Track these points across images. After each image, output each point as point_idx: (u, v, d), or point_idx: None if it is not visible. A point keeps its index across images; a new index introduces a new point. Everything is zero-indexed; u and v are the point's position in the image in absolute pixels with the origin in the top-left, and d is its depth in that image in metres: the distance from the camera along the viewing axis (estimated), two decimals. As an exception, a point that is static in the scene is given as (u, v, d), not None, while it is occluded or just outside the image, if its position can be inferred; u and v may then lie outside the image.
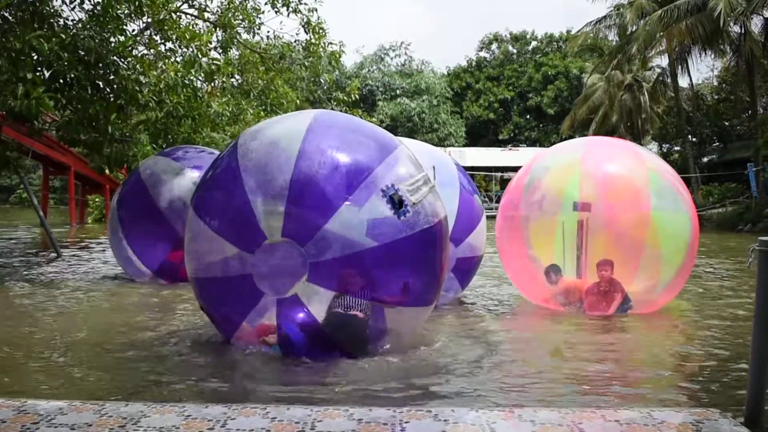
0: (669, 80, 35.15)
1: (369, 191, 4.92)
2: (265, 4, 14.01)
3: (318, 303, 4.93)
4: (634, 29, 33.35)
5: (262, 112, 14.54)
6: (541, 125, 55.62)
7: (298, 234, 4.85)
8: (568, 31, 54.34)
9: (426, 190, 5.21)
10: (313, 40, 14.31)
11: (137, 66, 10.26)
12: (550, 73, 54.21)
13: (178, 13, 12.24)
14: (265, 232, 4.89)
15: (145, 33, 12.26)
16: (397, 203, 4.93)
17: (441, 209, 5.35)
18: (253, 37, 14.47)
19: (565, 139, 16.50)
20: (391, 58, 57.25)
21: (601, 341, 5.99)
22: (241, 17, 13.72)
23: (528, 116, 56.36)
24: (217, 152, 10.62)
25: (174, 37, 11.48)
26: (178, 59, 11.88)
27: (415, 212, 4.99)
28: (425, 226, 5.05)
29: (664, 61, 35.67)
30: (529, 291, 8.00)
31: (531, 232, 7.58)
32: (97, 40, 9.74)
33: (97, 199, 29.68)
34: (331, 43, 14.68)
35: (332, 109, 16.98)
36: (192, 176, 9.44)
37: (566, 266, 7.31)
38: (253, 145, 5.16)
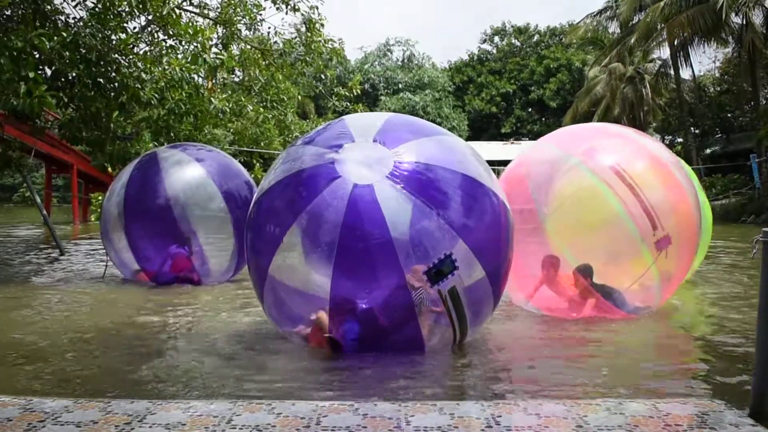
0: (671, 72, 35.08)
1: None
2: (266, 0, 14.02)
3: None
4: (635, 21, 33.36)
5: (262, 109, 14.53)
6: (543, 118, 55.58)
7: (387, 141, 5.03)
8: (569, 24, 54.28)
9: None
10: (313, 38, 14.31)
11: (139, 63, 10.25)
12: (552, 66, 54.18)
13: (179, 10, 12.22)
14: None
15: (146, 30, 12.25)
16: (440, 273, 4.72)
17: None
18: (254, 33, 14.47)
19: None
20: (393, 53, 57.36)
21: (605, 335, 5.98)
22: (242, 14, 13.72)
23: (530, 109, 56.38)
24: (216, 150, 10.55)
25: (176, 33, 11.46)
26: (180, 56, 11.87)
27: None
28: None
29: (665, 52, 35.64)
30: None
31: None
32: (98, 38, 9.73)
33: (100, 197, 29.73)
34: (330, 40, 14.68)
35: (334, 104, 17.01)
36: (192, 173, 9.18)
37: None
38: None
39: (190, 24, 11.72)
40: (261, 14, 14.21)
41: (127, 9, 10.43)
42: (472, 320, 5.15)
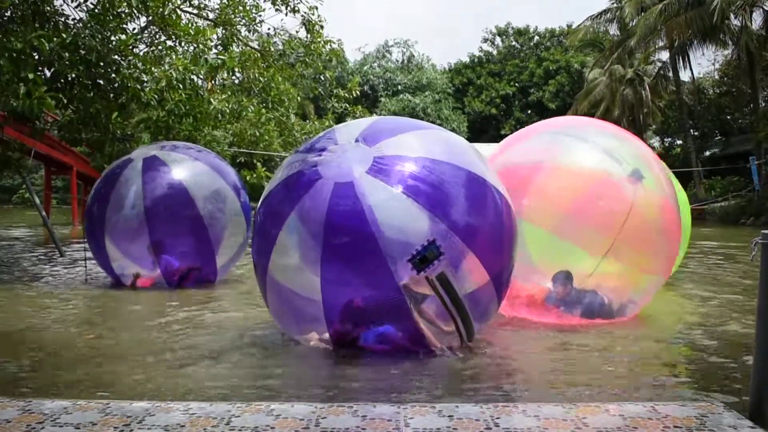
0: (670, 74, 35.09)
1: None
2: (265, 1, 14.04)
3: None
4: (634, 23, 33.38)
5: (263, 110, 14.54)
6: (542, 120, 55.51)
7: (368, 139, 5.06)
8: (569, 26, 54.28)
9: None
10: (313, 39, 14.33)
11: (139, 64, 10.25)
12: (551, 68, 54.17)
13: (179, 11, 12.22)
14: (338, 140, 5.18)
15: (146, 31, 12.25)
16: (425, 259, 4.67)
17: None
18: (253, 34, 14.48)
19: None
20: (392, 54, 57.38)
21: (604, 338, 5.97)
22: (241, 15, 13.73)
23: (530, 111, 56.33)
24: (209, 151, 10.51)
25: (176, 34, 11.46)
26: (180, 56, 11.87)
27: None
28: None
29: (665, 55, 35.66)
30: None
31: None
32: (98, 39, 9.73)
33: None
34: (329, 41, 14.70)
35: (333, 105, 17.03)
36: (198, 170, 9.19)
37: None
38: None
39: (190, 25, 11.72)
40: (260, 15, 14.25)
41: (126, 10, 10.43)
42: (477, 317, 5.15)
